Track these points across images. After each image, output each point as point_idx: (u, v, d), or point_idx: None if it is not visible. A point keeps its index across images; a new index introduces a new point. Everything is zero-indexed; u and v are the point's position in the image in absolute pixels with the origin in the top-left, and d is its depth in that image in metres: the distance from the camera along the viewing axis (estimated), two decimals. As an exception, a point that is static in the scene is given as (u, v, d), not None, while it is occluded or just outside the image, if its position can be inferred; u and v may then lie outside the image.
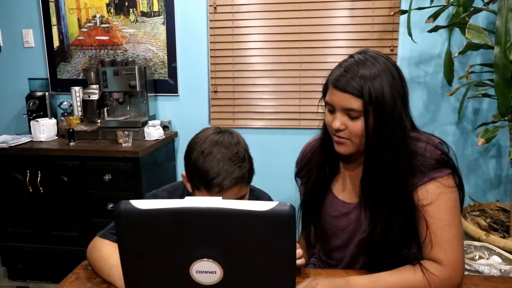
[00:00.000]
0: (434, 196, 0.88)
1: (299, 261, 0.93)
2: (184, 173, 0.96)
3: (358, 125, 0.89)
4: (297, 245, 0.90)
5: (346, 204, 1.01)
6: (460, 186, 0.91)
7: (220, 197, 0.58)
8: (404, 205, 0.90)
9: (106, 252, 0.92)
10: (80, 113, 2.41)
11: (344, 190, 1.03)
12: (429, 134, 0.95)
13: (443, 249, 0.86)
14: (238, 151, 0.90)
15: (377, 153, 0.89)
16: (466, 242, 1.71)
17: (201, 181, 0.88)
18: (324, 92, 0.95)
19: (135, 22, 2.43)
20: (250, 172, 0.93)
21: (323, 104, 0.96)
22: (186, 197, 0.58)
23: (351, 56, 0.92)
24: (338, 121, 0.90)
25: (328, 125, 0.95)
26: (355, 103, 0.87)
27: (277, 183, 2.35)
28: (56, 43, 2.52)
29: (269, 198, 1.15)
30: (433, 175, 0.88)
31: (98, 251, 0.94)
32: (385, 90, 0.86)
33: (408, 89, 0.92)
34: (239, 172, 0.88)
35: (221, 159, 0.87)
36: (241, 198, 0.92)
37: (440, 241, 0.87)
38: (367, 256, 0.98)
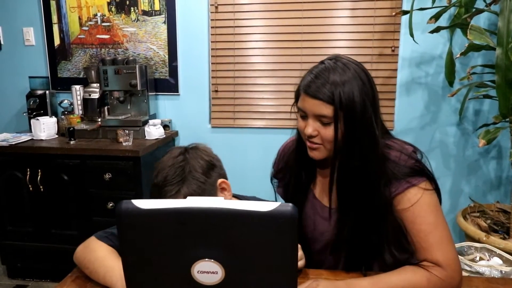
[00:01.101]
0: (413, 201, 0.88)
1: (300, 263, 0.92)
2: None
3: (329, 131, 0.89)
4: (299, 246, 0.90)
5: (326, 208, 1.01)
6: (436, 191, 0.92)
7: (222, 197, 0.58)
8: (376, 208, 0.90)
9: (102, 254, 0.90)
10: (80, 112, 2.40)
11: (325, 193, 1.03)
12: (402, 142, 0.96)
13: (436, 251, 0.86)
14: (166, 176, 0.85)
15: (347, 158, 0.90)
16: (466, 243, 1.71)
17: None
18: (296, 98, 0.96)
19: (136, 21, 2.43)
20: (191, 194, 0.85)
21: (296, 110, 0.97)
22: (188, 197, 0.57)
23: (321, 62, 0.94)
24: (310, 128, 0.91)
25: (301, 131, 0.96)
26: (326, 110, 0.87)
27: (277, 183, 2.36)
28: (57, 41, 2.52)
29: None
30: (409, 181, 0.89)
31: (94, 252, 0.91)
32: (355, 95, 0.86)
33: (378, 96, 0.92)
34: (166, 198, 0.84)
35: (156, 183, 0.86)
36: None
37: (431, 244, 0.87)
38: (346, 258, 0.98)
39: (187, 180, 0.85)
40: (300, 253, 0.92)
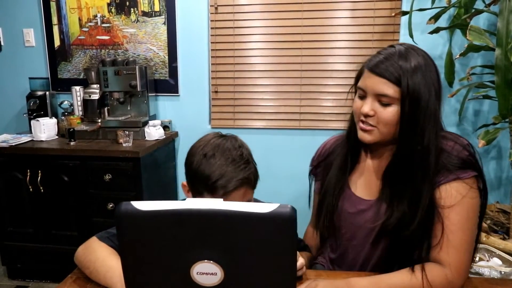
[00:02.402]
0: (456, 199, 0.87)
1: (300, 272, 0.91)
2: (184, 182, 0.93)
3: (388, 112, 0.88)
4: (299, 255, 0.88)
5: (364, 201, 0.99)
6: (483, 191, 0.90)
7: (221, 199, 0.58)
8: (426, 200, 0.88)
9: (103, 254, 0.90)
10: (80, 113, 2.41)
11: (363, 186, 1.01)
12: (457, 135, 0.95)
13: (451, 252, 0.86)
14: (242, 153, 0.88)
15: (409, 144, 0.89)
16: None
17: (204, 185, 0.86)
18: (358, 77, 0.95)
19: (136, 22, 2.43)
20: (255, 175, 0.90)
21: (353, 91, 0.97)
22: (187, 199, 0.58)
23: (391, 45, 0.93)
24: (367, 106, 0.90)
25: (356, 111, 0.94)
26: (390, 89, 0.87)
27: (277, 184, 2.36)
28: (57, 42, 2.52)
29: None
30: (458, 174, 0.88)
31: (94, 253, 0.91)
32: (423, 83, 0.86)
33: (442, 87, 0.92)
34: (244, 174, 0.86)
35: (225, 162, 0.85)
36: (246, 202, 0.90)
37: (450, 244, 0.86)
38: (382, 253, 0.97)
39: (252, 163, 0.91)
40: (301, 261, 0.90)
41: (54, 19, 2.49)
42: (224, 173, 0.84)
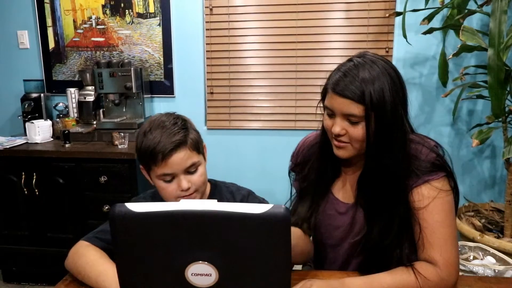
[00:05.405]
0: (429, 199, 0.89)
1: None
2: (141, 165, 0.98)
3: (358, 130, 0.88)
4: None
5: (343, 204, 1.01)
6: (455, 190, 0.92)
7: (215, 201, 0.58)
8: (401, 208, 0.90)
9: (92, 258, 0.89)
10: (75, 115, 2.40)
11: (342, 190, 1.03)
12: (425, 137, 0.96)
13: (437, 250, 0.87)
14: (177, 122, 0.94)
15: (378, 157, 0.89)
16: (460, 242, 1.72)
17: (147, 157, 0.92)
18: (323, 95, 0.95)
19: (131, 24, 2.43)
20: (194, 140, 0.95)
21: (321, 106, 0.96)
22: (181, 200, 0.58)
23: (349, 59, 0.92)
24: (338, 127, 0.89)
25: (328, 130, 0.94)
26: (356, 109, 0.86)
27: (272, 184, 2.36)
28: (51, 44, 2.51)
29: (247, 194, 1.10)
30: (427, 177, 0.89)
31: (83, 257, 0.90)
32: (386, 93, 0.85)
33: (407, 92, 0.92)
34: (178, 136, 0.91)
35: (160, 131, 0.91)
36: (194, 166, 0.94)
37: (434, 242, 0.87)
38: (361, 256, 0.99)
39: (191, 130, 0.95)
40: None
41: (49, 21, 2.48)
42: (160, 140, 0.90)
